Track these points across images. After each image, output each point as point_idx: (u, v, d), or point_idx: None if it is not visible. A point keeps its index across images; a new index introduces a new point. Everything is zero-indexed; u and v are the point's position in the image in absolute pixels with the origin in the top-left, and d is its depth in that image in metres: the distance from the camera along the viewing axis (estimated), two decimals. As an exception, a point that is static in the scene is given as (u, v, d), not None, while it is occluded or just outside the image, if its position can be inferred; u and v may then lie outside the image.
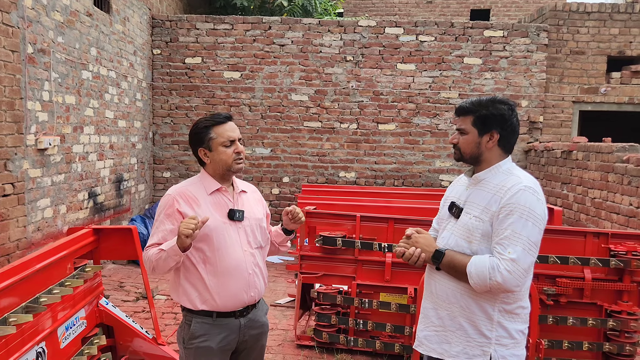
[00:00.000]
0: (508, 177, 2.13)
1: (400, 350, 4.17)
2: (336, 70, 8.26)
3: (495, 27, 8.21)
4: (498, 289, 2.02)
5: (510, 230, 2.01)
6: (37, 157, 4.98)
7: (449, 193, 2.40)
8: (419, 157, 8.30)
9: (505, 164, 2.20)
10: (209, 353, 2.40)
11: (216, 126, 2.42)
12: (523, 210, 2.02)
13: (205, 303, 2.38)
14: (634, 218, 5.12)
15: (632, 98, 8.37)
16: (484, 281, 2.01)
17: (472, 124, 2.18)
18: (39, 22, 4.96)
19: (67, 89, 5.55)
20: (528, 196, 2.05)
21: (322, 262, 4.37)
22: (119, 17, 6.89)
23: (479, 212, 2.13)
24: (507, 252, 2.00)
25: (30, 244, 4.87)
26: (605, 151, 5.87)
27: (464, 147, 2.21)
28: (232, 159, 2.42)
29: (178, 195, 2.40)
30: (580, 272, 3.99)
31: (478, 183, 2.21)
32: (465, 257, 2.10)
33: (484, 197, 2.14)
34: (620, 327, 3.93)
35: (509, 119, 2.17)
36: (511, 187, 2.07)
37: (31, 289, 2.74)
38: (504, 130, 2.16)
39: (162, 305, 5.40)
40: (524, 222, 2.02)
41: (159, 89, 8.35)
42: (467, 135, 2.19)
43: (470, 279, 2.04)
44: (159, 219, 2.43)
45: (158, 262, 2.31)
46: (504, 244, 2.02)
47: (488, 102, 2.18)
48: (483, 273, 2.01)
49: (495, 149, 2.18)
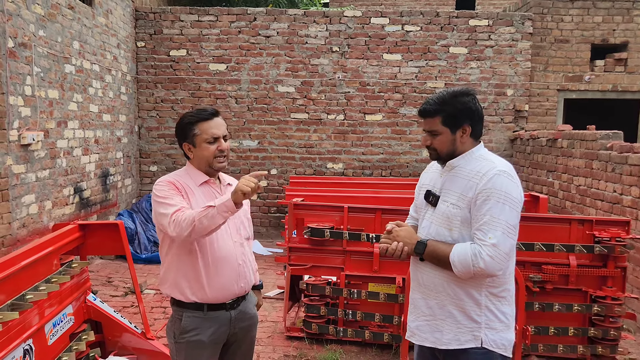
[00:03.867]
0: (482, 163, 2.14)
1: (390, 339, 4.20)
2: (322, 61, 8.23)
3: (480, 17, 8.22)
4: (482, 274, 2.05)
5: (488, 216, 2.03)
6: (20, 153, 4.91)
7: (423, 181, 2.40)
8: (406, 148, 8.32)
9: (478, 150, 2.21)
10: (201, 347, 2.41)
11: (201, 122, 2.39)
12: (500, 195, 2.04)
13: (196, 294, 2.38)
14: (618, 205, 5.19)
15: (616, 85, 8.44)
16: (467, 268, 2.04)
17: (442, 124, 2.17)
18: (19, 16, 4.87)
19: (49, 83, 5.47)
20: (504, 180, 2.06)
21: (310, 253, 4.38)
22: (101, 10, 6.79)
23: (456, 199, 2.14)
24: (487, 237, 2.02)
25: (15, 241, 4.82)
26: (589, 139, 5.93)
27: (440, 147, 2.21)
28: (214, 156, 2.40)
29: (176, 183, 2.39)
30: (566, 259, 4.04)
31: (452, 170, 2.21)
32: (447, 247, 2.11)
33: (459, 184, 2.15)
34: (604, 312, 4.00)
35: (475, 109, 2.18)
36: (486, 172, 2.08)
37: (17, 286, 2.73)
38: (473, 121, 2.18)
39: (151, 300, 5.39)
40: (502, 206, 2.04)
41: (144, 82, 8.26)
42: (440, 135, 2.19)
43: (454, 267, 2.06)
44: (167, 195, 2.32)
45: (202, 220, 2.17)
46: (484, 229, 2.04)
47: (451, 98, 2.17)
48: (466, 261, 2.03)
49: (468, 140, 2.20)
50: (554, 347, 4.07)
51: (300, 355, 4.17)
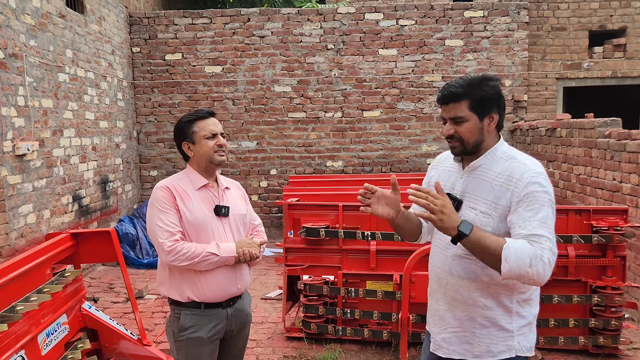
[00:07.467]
0: (511, 164, 1.96)
1: (389, 337, 4.18)
2: (318, 59, 8.20)
3: (475, 8, 8.16)
4: (531, 279, 1.82)
5: (537, 222, 1.85)
6: (15, 164, 4.92)
7: (433, 177, 2.20)
8: (405, 143, 8.28)
9: (501, 146, 2.04)
10: (200, 343, 2.47)
11: (199, 120, 2.50)
12: (543, 198, 1.89)
13: (194, 294, 2.45)
14: (618, 193, 5.13)
15: (615, 72, 8.35)
16: (521, 268, 1.80)
17: (470, 109, 1.96)
18: (8, 27, 4.88)
19: (43, 92, 5.48)
20: (542, 182, 1.91)
21: (307, 253, 4.37)
22: (94, 17, 6.80)
23: (486, 207, 1.96)
24: (543, 241, 1.83)
25: (14, 251, 4.83)
26: (588, 127, 5.86)
27: (467, 136, 1.97)
28: (214, 150, 2.48)
29: (173, 189, 2.46)
30: (564, 249, 3.99)
31: (474, 170, 2.03)
32: (497, 238, 1.86)
33: (487, 189, 1.97)
34: (605, 302, 3.96)
35: (502, 95, 2.02)
36: (521, 178, 1.91)
37: (7, 297, 2.73)
38: (500, 109, 2.01)
39: (152, 305, 5.39)
40: (546, 208, 1.89)
41: (140, 87, 8.27)
42: (468, 122, 1.97)
43: (504, 262, 1.80)
44: (161, 209, 2.42)
45: (201, 264, 2.39)
46: (536, 235, 1.84)
47: (479, 81, 1.98)
48: (523, 260, 1.79)
49: (493, 132, 2.02)
50: (555, 339, 4.04)
51: (300, 356, 4.16)
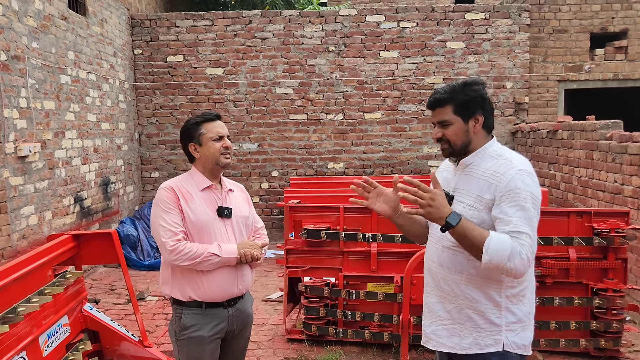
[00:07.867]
0: (498, 161, 2.06)
1: (390, 339, 4.17)
2: (319, 61, 8.21)
3: (476, 10, 8.16)
4: (510, 272, 1.91)
5: (517, 218, 1.93)
6: (17, 165, 4.94)
7: (441, 179, 2.25)
8: (407, 144, 8.28)
9: (492, 145, 2.13)
10: (202, 342, 2.48)
11: (206, 123, 2.55)
12: (525, 196, 1.95)
13: (196, 293, 2.47)
14: (619, 195, 5.12)
15: (617, 74, 8.35)
16: (499, 261, 1.88)
17: (454, 113, 2.08)
18: (11, 29, 4.89)
19: (45, 94, 5.49)
20: (525, 179, 1.98)
21: (308, 255, 4.37)
22: (95, 19, 6.81)
23: (472, 200, 2.05)
24: (522, 238, 1.90)
25: (16, 253, 4.84)
26: (589, 129, 5.86)
27: (454, 138, 2.10)
28: (220, 152, 2.52)
29: (177, 190, 2.50)
30: (565, 252, 3.99)
31: (465, 168, 2.13)
32: (482, 230, 1.94)
33: (475, 184, 2.06)
34: (606, 304, 3.95)
35: (487, 98, 2.11)
36: (505, 173, 2.00)
37: (8, 299, 2.73)
38: (485, 111, 2.11)
39: (153, 306, 5.40)
40: (527, 206, 1.95)
41: (142, 89, 8.29)
42: (453, 125, 2.09)
43: (484, 254, 1.89)
44: (165, 209, 2.46)
45: (203, 264, 2.41)
46: (518, 232, 1.91)
47: (462, 86, 2.10)
48: (503, 252, 1.87)
49: (481, 132, 2.12)
50: (556, 342, 4.03)
51: (300, 358, 4.15)
